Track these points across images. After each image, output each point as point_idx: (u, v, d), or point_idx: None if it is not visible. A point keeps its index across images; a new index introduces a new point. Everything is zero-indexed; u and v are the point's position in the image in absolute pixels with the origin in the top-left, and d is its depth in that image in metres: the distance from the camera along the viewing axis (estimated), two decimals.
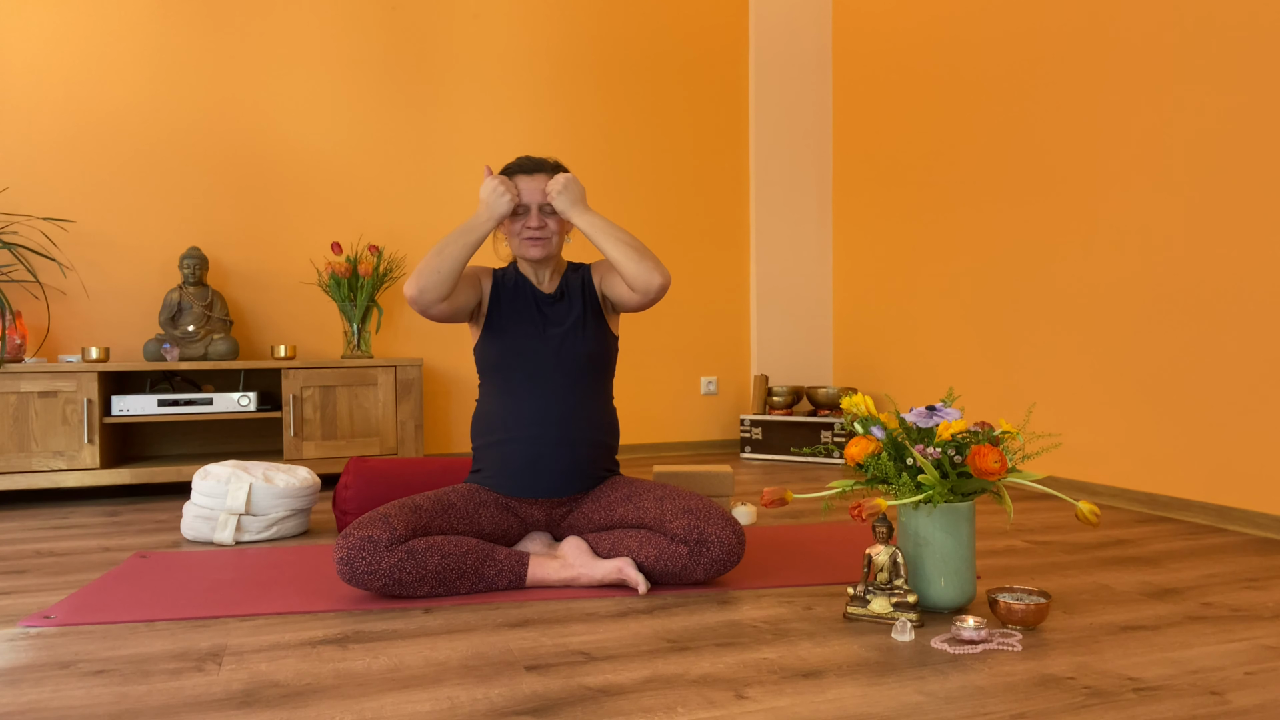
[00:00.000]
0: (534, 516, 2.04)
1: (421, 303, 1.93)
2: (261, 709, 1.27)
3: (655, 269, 1.93)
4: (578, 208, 1.98)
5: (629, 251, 1.93)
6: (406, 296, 1.94)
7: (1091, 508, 1.61)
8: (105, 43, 3.51)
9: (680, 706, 1.27)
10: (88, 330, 3.50)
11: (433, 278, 1.92)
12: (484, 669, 1.42)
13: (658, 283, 1.93)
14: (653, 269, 1.93)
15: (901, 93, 3.88)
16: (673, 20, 4.27)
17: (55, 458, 3.09)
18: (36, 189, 3.44)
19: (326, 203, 3.78)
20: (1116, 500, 2.84)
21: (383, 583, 1.76)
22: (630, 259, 1.93)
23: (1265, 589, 1.87)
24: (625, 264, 1.93)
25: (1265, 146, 2.40)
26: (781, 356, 4.40)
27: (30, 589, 1.96)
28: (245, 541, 2.41)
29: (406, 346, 3.91)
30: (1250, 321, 2.45)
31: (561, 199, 1.98)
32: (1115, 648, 1.51)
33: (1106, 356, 2.88)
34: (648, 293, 1.94)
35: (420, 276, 1.92)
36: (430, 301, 1.93)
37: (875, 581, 1.66)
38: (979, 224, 3.43)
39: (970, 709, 1.25)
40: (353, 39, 3.81)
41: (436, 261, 1.92)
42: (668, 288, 1.93)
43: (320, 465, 3.34)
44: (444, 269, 1.92)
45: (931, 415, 1.68)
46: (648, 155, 4.24)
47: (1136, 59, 2.77)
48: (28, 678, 1.41)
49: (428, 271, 1.92)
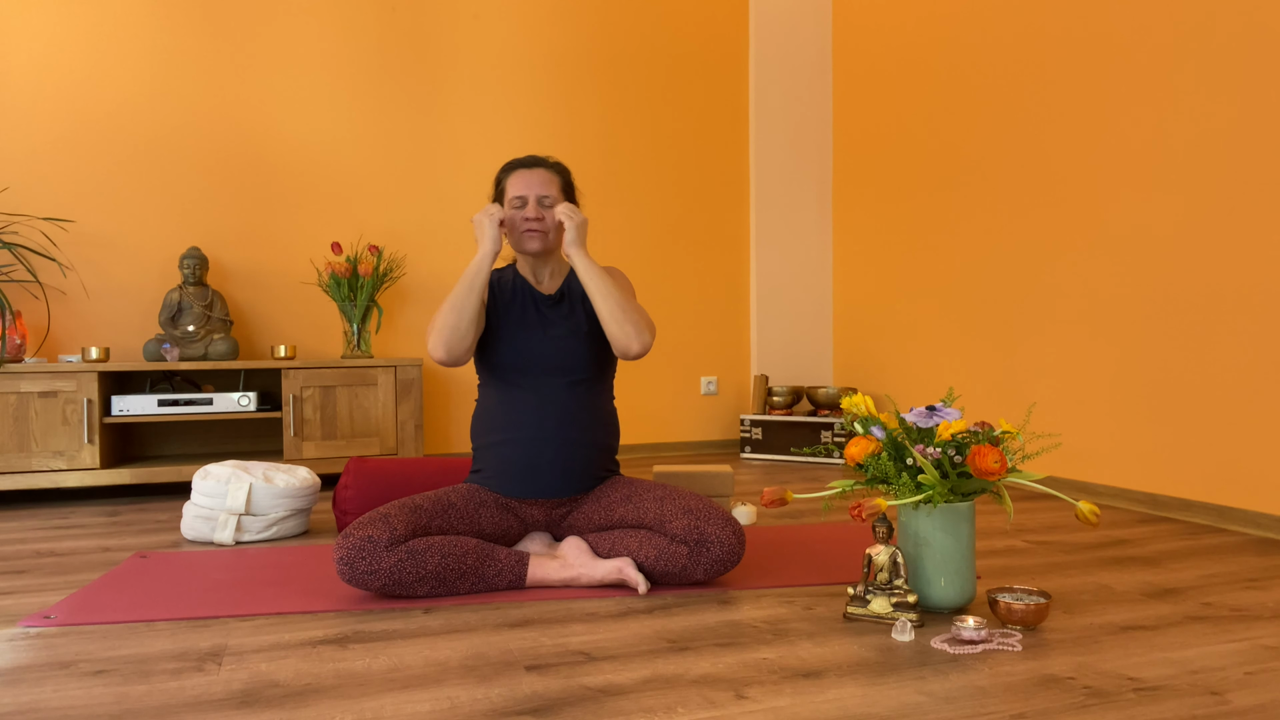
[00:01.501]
0: (534, 517, 2.04)
1: (452, 359, 1.93)
2: (261, 709, 1.27)
3: (635, 337, 1.94)
4: (578, 248, 1.99)
5: (615, 311, 1.94)
6: (435, 359, 1.93)
7: (1091, 508, 1.61)
8: (105, 43, 3.51)
9: (680, 706, 1.27)
10: (88, 330, 3.50)
11: (454, 334, 1.92)
12: (484, 669, 1.42)
13: (635, 350, 1.94)
14: (633, 336, 1.94)
15: (901, 93, 3.88)
16: (673, 20, 4.27)
17: (55, 458, 3.09)
18: (36, 189, 3.44)
19: (326, 203, 3.78)
20: (1116, 500, 2.84)
21: (383, 583, 1.76)
22: (615, 319, 1.94)
23: (1265, 589, 1.87)
24: (609, 323, 1.95)
25: (1265, 148, 2.40)
26: (781, 356, 4.40)
27: (30, 589, 1.96)
28: (245, 541, 2.41)
29: (406, 346, 3.91)
30: (1250, 322, 2.45)
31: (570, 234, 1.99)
32: (1115, 648, 1.51)
33: (1106, 356, 2.88)
34: (624, 354, 1.96)
35: (442, 337, 1.91)
36: (460, 355, 1.94)
37: (875, 581, 1.66)
38: (979, 224, 3.43)
39: (970, 709, 1.25)
40: (353, 39, 3.81)
41: (454, 318, 1.92)
42: (645, 354, 1.94)
43: (320, 465, 3.34)
44: (463, 324, 1.93)
45: (931, 415, 1.68)
46: (648, 155, 4.24)
47: (1137, 60, 2.77)
48: (28, 678, 1.41)
49: (447, 330, 1.92)
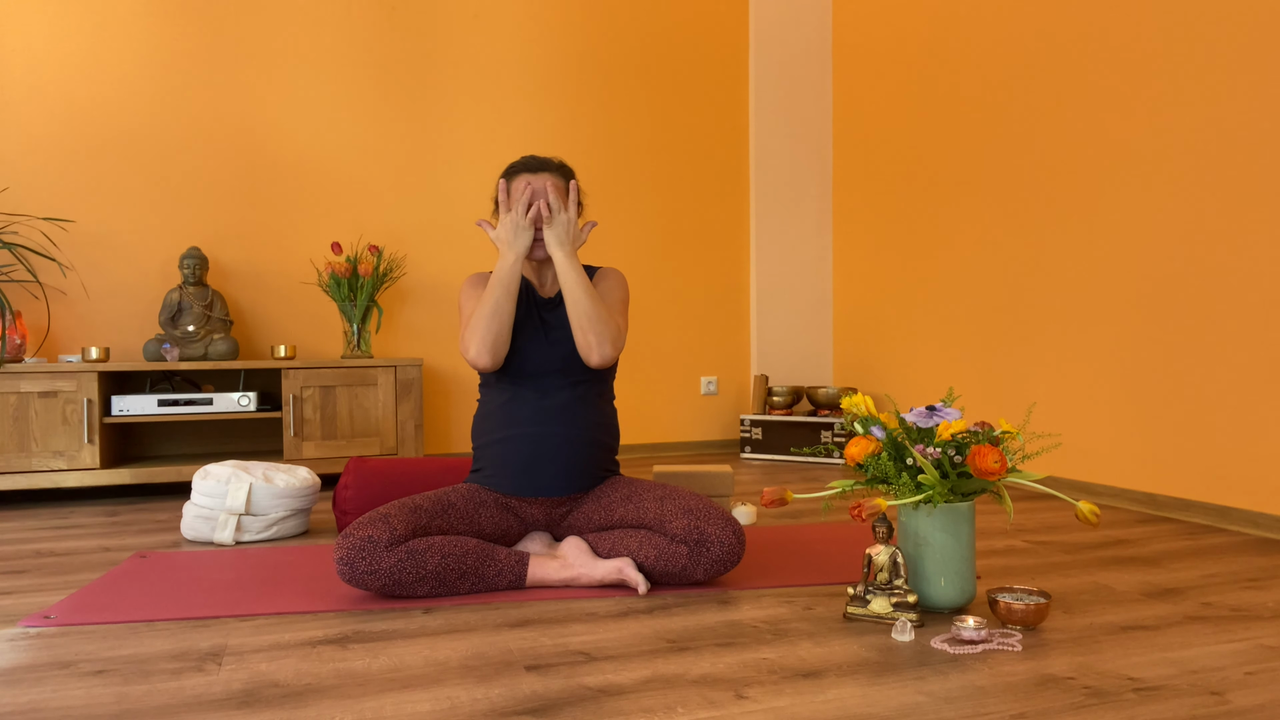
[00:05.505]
0: (534, 516, 2.04)
1: (496, 363, 1.99)
2: (261, 709, 1.27)
3: (595, 348, 1.97)
4: (565, 250, 2.01)
5: (581, 319, 1.98)
6: (478, 366, 1.98)
7: (1091, 508, 1.61)
8: (105, 43, 3.51)
9: (680, 706, 1.27)
10: (88, 330, 3.50)
11: (498, 339, 1.97)
12: (484, 669, 1.42)
13: (593, 361, 1.98)
14: (593, 346, 1.97)
15: (902, 93, 3.88)
16: (673, 20, 4.27)
17: (55, 458, 3.09)
18: (36, 189, 3.44)
19: (326, 203, 3.78)
20: (1116, 500, 2.84)
21: (383, 583, 1.76)
22: (579, 326, 1.98)
23: (1265, 589, 1.87)
24: (574, 329, 1.99)
25: (1265, 147, 2.40)
26: (781, 356, 4.40)
27: (30, 589, 1.96)
28: (245, 541, 2.41)
29: (406, 346, 3.91)
30: (1250, 321, 2.45)
31: (554, 231, 2.01)
32: (1115, 648, 1.51)
33: (1106, 356, 2.88)
34: (585, 359, 2.00)
35: (487, 343, 1.96)
36: (502, 359, 2.00)
37: (875, 581, 1.66)
38: (979, 224, 3.43)
39: (970, 709, 1.25)
40: (353, 39, 3.81)
41: (495, 324, 1.97)
42: (605, 366, 2.01)
43: (320, 465, 3.34)
44: (503, 329, 1.98)
45: (931, 415, 1.68)
46: (648, 155, 4.24)
47: (1137, 59, 2.77)
48: (28, 678, 1.41)
49: (491, 335, 1.96)
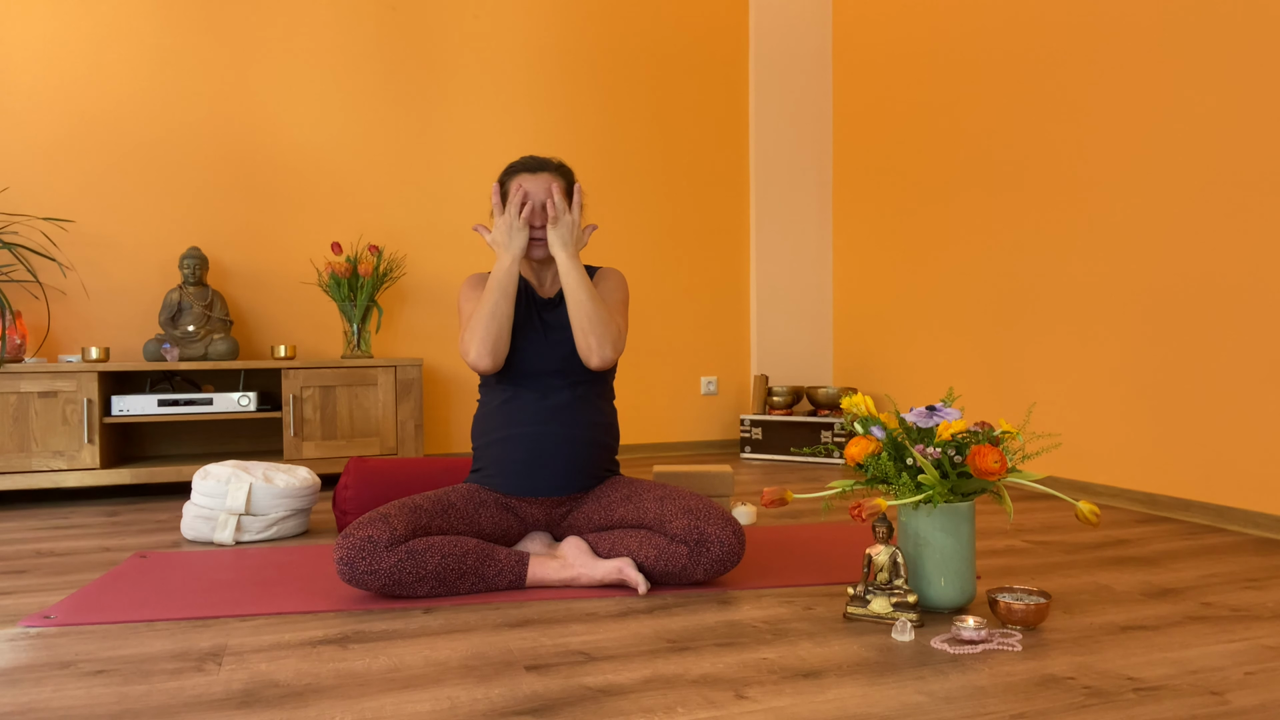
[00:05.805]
0: (534, 516, 2.04)
1: (497, 365, 1.99)
2: (261, 709, 1.27)
3: (595, 350, 1.97)
4: (569, 251, 2.01)
5: (582, 320, 1.98)
6: (478, 368, 1.98)
7: (1091, 508, 1.61)
8: (105, 42, 3.51)
9: (680, 706, 1.27)
10: (88, 330, 3.50)
11: (498, 341, 1.97)
12: (484, 669, 1.42)
13: (593, 363, 1.99)
14: (593, 349, 1.97)
15: (901, 92, 3.88)
16: (673, 20, 4.27)
17: (55, 458, 3.09)
18: (36, 189, 3.44)
19: (326, 203, 3.78)
20: (1116, 500, 2.84)
21: (383, 583, 1.76)
22: (580, 328, 1.98)
23: (1265, 589, 1.87)
24: (574, 330, 1.99)
25: (1265, 147, 2.40)
26: (781, 356, 4.40)
27: (30, 589, 1.96)
28: (245, 541, 2.41)
29: (406, 346, 3.91)
30: (1250, 321, 2.45)
31: (558, 232, 2.01)
32: (1115, 648, 1.51)
33: (1106, 356, 2.88)
34: (585, 361, 2.00)
35: (487, 345, 1.96)
36: (502, 360, 2.00)
37: (875, 581, 1.66)
38: (979, 224, 3.43)
39: (970, 709, 1.25)
40: (352, 38, 3.81)
41: (494, 327, 1.97)
42: (605, 368, 2.01)
43: (320, 465, 3.34)
44: (503, 331, 1.98)
45: (931, 415, 1.68)
46: (648, 155, 4.24)
47: (1137, 59, 2.77)
48: (28, 678, 1.41)
49: (491, 337, 1.96)
